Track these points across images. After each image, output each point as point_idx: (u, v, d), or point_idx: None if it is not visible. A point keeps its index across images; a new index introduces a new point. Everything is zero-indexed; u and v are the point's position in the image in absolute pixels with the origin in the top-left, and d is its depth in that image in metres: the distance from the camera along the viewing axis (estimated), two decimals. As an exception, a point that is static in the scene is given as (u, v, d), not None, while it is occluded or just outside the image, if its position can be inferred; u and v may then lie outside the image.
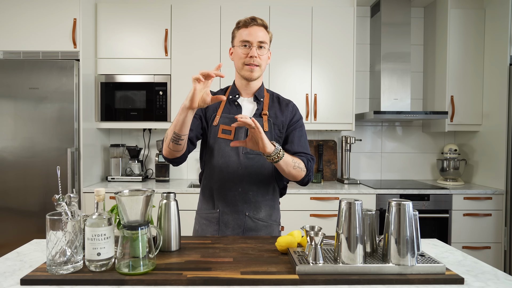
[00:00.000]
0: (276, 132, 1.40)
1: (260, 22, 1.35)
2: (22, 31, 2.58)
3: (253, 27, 1.34)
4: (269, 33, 1.39)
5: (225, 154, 1.36)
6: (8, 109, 2.50)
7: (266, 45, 1.36)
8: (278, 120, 1.40)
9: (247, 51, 1.34)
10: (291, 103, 1.47)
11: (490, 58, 2.84)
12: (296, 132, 1.42)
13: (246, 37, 1.33)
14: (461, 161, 2.95)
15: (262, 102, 1.42)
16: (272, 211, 1.44)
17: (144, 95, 2.80)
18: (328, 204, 2.61)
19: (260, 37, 1.34)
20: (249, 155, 1.35)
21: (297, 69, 2.86)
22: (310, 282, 0.93)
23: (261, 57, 1.35)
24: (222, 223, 1.39)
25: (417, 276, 0.95)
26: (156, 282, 0.92)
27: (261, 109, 1.40)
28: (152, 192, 1.01)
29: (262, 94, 1.44)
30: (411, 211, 0.98)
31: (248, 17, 1.36)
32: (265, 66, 1.40)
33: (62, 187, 2.44)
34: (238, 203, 1.37)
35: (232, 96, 1.43)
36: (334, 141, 3.20)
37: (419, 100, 3.26)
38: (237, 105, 1.42)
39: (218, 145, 1.37)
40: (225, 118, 1.38)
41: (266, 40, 1.36)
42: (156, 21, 2.81)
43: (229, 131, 1.36)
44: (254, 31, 1.33)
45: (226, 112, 1.40)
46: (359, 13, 3.19)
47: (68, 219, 0.96)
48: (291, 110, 1.44)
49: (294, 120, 1.43)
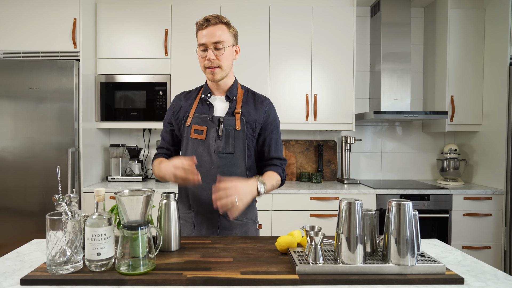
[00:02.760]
0: (249, 131, 1.39)
1: (214, 21, 1.32)
2: (22, 31, 2.58)
3: (208, 28, 1.31)
4: (230, 29, 1.36)
5: (198, 154, 1.36)
6: (8, 109, 2.50)
7: (225, 44, 1.32)
8: (251, 118, 1.40)
9: (204, 54, 1.33)
10: (266, 100, 1.46)
11: (490, 58, 2.84)
12: (273, 135, 1.44)
13: (201, 40, 1.32)
14: (461, 161, 2.95)
15: (235, 101, 1.41)
16: (247, 209, 1.43)
17: (144, 95, 2.80)
18: (328, 204, 2.61)
19: (216, 37, 1.30)
20: (221, 155, 1.35)
21: (297, 69, 2.86)
22: (310, 282, 0.93)
23: (220, 57, 1.33)
24: (197, 223, 1.40)
25: (417, 276, 0.95)
26: (156, 282, 0.92)
27: (233, 108, 1.40)
28: (152, 192, 1.01)
29: (234, 92, 1.43)
30: (411, 211, 0.98)
31: (203, 18, 1.33)
32: (229, 64, 1.37)
33: (62, 187, 2.44)
34: (212, 202, 1.35)
35: (204, 96, 1.43)
36: (334, 141, 3.20)
37: (419, 100, 3.26)
38: (209, 104, 1.41)
39: (191, 145, 1.38)
40: (197, 118, 1.38)
41: (223, 38, 1.32)
42: (156, 21, 2.81)
43: (201, 131, 1.37)
44: (208, 32, 1.31)
45: (199, 112, 1.40)
46: (359, 13, 3.19)
47: (68, 219, 0.96)
48: (266, 109, 1.43)
49: (269, 121, 1.43)
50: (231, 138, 1.36)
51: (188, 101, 1.45)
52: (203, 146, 1.37)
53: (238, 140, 1.37)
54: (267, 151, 1.44)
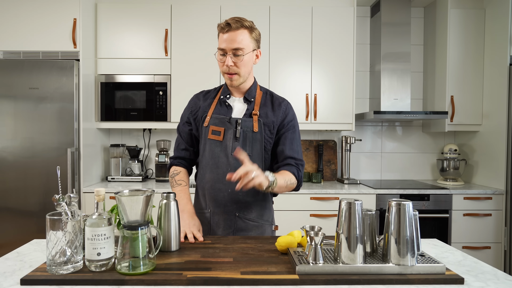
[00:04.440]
0: (267, 133, 1.38)
1: (235, 26, 1.28)
2: (22, 31, 2.58)
3: (229, 32, 1.29)
4: (252, 33, 1.33)
5: (215, 155, 1.36)
6: (8, 109, 2.50)
7: (244, 50, 1.30)
8: (269, 120, 1.38)
9: (223, 59, 1.32)
10: (284, 101, 1.44)
11: (490, 58, 2.84)
12: (289, 134, 1.41)
13: (221, 44, 1.31)
14: (461, 161, 2.95)
15: (253, 102, 1.40)
16: (263, 211, 1.43)
17: (144, 95, 2.80)
18: (328, 204, 2.61)
19: (236, 43, 1.28)
20: None
21: (297, 69, 2.86)
22: (310, 282, 0.93)
23: (238, 64, 1.31)
24: (213, 223, 1.39)
25: (417, 276, 0.95)
26: (156, 282, 0.92)
27: (251, 109, 1.39)
28: (152, 192, 1.01)
29: (253, 94, 1.42)
30: (411, 211, 0.98)
31: (225, 21, 1.30)
32: (247, 70, 1.36)
33: (62, 187, 2.44)
34: (228, 203, 1.37)
35: (223, 96, 1.42)
36: (334, 141, 3.20)
37: (419, 100, 3.26)
38: (227, 105, 1.41)
39: (209, 146, 1.38)
40: (215, 119, 1.38)
41: (243, 45, 1.29)
42: (156, 21, 2.81)
43: (218, 132, 1.36)
44: (229, 37, 1.28)
45: (217, 112, 1.40)
46: (359, 13, 3.19)
47: (68, 219, 0.96)
48: (284, 110, 1.41)
49: (286, 121, 1.41)
50: (248, 140, 1.35)
51: (206, 101, 1.45)
52: (220, 147, 1.36)
53: (255, 142, 1.36)
54: (282, 150, 1.39)
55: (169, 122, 2.81)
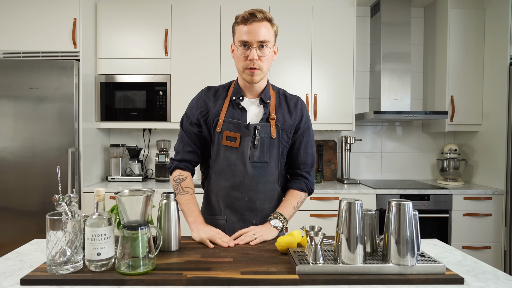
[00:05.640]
0: (284, 138, 1.33)
1: (260, 16, 1.21)
2: (22, 31, 2.58)
3: (253, 24, 1.20)
4: (273, 27, 1.26)
5: (231, 163, 1.30)
6: (8, 109, 2.50)
7: (269, 44, 1.23)
8: (286, 125, 1.33)
9: (246, 53, 1.22)
10: (299, 101, 1.39)
11: (490, 58, 2.84)
12: (304, 138, 1.37)
13: (245, 36, 1.21)
14: (461, 161, 2.95)
15: (269, 105, 1.32)
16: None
17: (144, 95, 2.80)
18: (328, 204, 2.61)
19: (262, 35, 1.20)
20: (256, 164, 1.30)
21: (297, 69, 2.86)
22: (310, 282, 0.93)
23: (263, 58, 1.23)
24: (230, 230, 1.34)
25: (417, 276, 0.95)
26: (156, 282, 0.92)
27: (268, 113, 1.31)
28: (152, 192, 1.01)
29: (268, 94, 1.33)
30: (411, 211, 0.98)
31: (247, 11, 1.21)
32: (269, 66, 1.29)
33: (62, 187, 2.44)
34: (245, 212, 1.33)
35: (235, 98, 1.32)
36: (334, 141, 3.20)
37: (419, 100, 3.26)
38: (241, 108, 1.31)
39: (224, 152, 1.30)
40: (228, 124, 1.29)
41: (269, 37, 1.22)
42: (156, 21, 2.81)
43: (234, 138, 1.28)
44: (253, 29, 1.20)
45: (230, 116, 1.30)
46: (359, 13, 3.19)
47: (68, 219, 0.96)
48: (300, 110, 1.36)
49: (303, 122, 1.37)
50: (266, 147, 1.29)
51: (217, 102, 1.34)
52: (237, 154, 1.29)
53: (272, 148, 1.31)
54: (296, 155, 1.37)
55: (169, 122, 2.81)
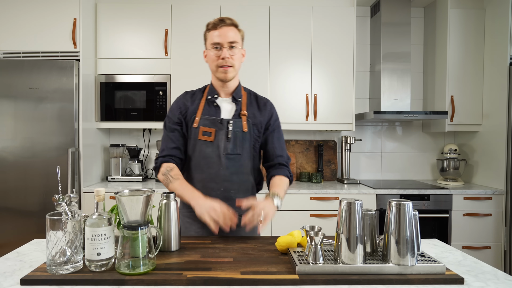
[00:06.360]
0: (255, 132, 1.45)
1: (229, 22, 1.37)
2: (22, 31, 2.58)
3: (222, 28, 1.36)
4: (240, 32, 1.41)
5: (207, 156, 1.39)
6: (8, 109, 2.50)
7: (238, 45, 1.38)
8: (257, 120, 1.45)
9: (219, 53, 1.37)
10: (268, 102, 1.52)
11: (490, 58, 2.84)
12: (275, 134, 1.49)
13: (216, 39, 1.36)
14: (461, 161, 2.95)
15: (240, 102, 1.45)
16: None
17: (144, 95, 2.80)
18: (328, 204, 2.61)
19: (231, 37, 1.36)
20: (230, 156, 1.39)
21: (297, 69, 2.86)
22: (310, 282, 0.93)
23: (233, 57, 1.38)
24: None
25: (417, 276, 0.95)
26: (156, 282, 0.92)
27: (239, 109, 1.44)
28: (152, 192, 1.01)
29: (239, 93, 1.47)
30: (411, 211, 0.98)
31: (216, 19, 1.38)
32: (239, 65, 1.43)
33: (62, 187, 2.44)
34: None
35: (210, 97, 1.45)
36: (334, 141, 3.20)
37: (419, 100, 3.26)
38: (216, 106, 1.44)
39: (200, 147, 1.40)
40: (205, 120, 1.41)
41: (237, 39, 1.38)
42: (156, 21, 2.81)
43: (209, 132, 1.39)
44: (223, 32, 1.36)
45: (206, 113, 1.43)
46: (359, 13, 3.19)
47: (68, 219, 0.96)
48: (269, 110, 1.49)
49: (272, 120, 1.49)
50: (239, 140, 1.40)
51: (194, 102, 1.47)
52: (212, 147, 1.39)
53: (245, 142, 1.41)
54: (272, 150, 1.48)
55: (169, 122, 2.81)
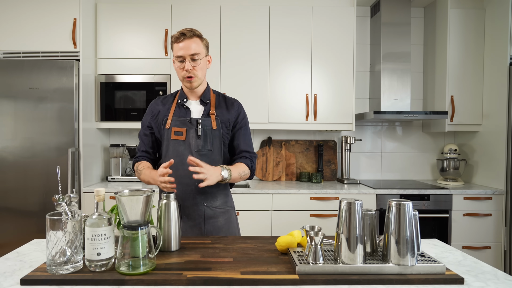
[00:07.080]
0: (224, 130, 1.54)
1: (190, 34, 1.44)
2: (22, 31, 2.58)
3: (184, 41, 1.44)
4: (203, 41, 1.50)
5: (180, 153, 1.48)
6: (8, 109, 2.50)
7: (200, 55, 1.46)
8: (225, 118, 1.54)
9: (182, 65, 1.46)
10: (236, 101, 1.61)
11: (490, 58, 2.84)
12: (242, 131, 1.59)
13: (179, 52, 1.44)
14: (461, 161, 2.95)
15: (209, 104, 1.55)
16: (226, 198, 1.58)
17: (144, 95, 2.80)
18: (328, 204, 2.61)
19: (192, 49, 1.44)
20: (202, 152, 1.48)
21: (297, 69, 2.86)
22: (310, 282, 0.93)
23: (196, 67, 1.46)
24: (185, 216, 1.49)
25: (417, 276, 0.95)
26: (156, 282, 0.92)
27: (208, 110, 1.54)
28: (152, 192, 1.01)
29: (207, 96, 1.57)
30: (411, 211, 0.98)
31: (179, 31, 1.45)
32: (204, 73, 1.52)
33: (62, 187, 2.44)
34: (196, 195, 1.49)
35: (180, 100, 1.55)
36: (334, 141, 3.20)
37: (419, 100, 3.26)
38: (185, 108, 1.54)
39: (172, 146, 1.49)
40: (176, 121, 1.51)
41: (199, 50, 1.46)
42: (156, 21, 2.81)
43: (180, 132, 1.49)
44: (185, 45, 1.43)
45: (177, 115, 1.53)
46: (359, 13, 3.19)
47: (68, 219, 0.96)
48: (237, 109, 1.58)
49: (240, 118, 1.58)
50: (209, 137, 1.49)
51: (165, 105, 1.58)
52: (184, 146, 1.48)
53: (215, 138, 1.51)
54: (237, 145, 1.58)
55: (169, 122, 2.81)
